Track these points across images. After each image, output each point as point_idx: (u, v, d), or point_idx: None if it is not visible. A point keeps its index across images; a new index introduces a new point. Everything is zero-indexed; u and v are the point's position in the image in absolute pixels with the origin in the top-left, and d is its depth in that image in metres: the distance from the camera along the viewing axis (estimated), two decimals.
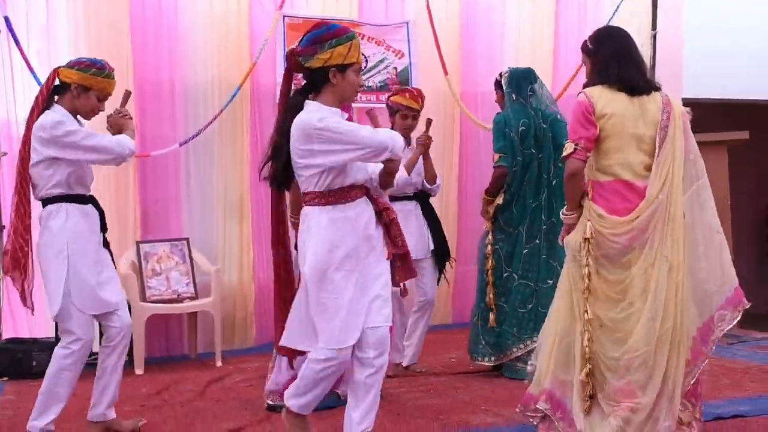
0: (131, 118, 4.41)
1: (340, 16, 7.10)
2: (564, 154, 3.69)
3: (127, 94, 4.47)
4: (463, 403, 4.71)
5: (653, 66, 7.84)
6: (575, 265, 3.71)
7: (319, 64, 3.54)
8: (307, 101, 3.60)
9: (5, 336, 6.07)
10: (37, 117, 4.08)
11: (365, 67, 7.13)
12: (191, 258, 6.46)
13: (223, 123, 6.72)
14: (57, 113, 4.14)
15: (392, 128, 5.02)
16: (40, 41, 6.31)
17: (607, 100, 3.67)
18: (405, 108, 5.35)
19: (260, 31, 6.84)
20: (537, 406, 3.77)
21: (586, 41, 3.90)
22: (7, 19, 6.08)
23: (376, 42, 7.17)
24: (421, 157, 5.32)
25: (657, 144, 3.65)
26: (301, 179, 3.58)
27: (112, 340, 4.25)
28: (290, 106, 3.61)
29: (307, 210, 3.58)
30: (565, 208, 3.83)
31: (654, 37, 7.92)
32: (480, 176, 7.09)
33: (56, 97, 4.19)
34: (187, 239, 6.54)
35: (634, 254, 3.59)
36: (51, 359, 4.14)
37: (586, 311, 3.61)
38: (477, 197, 5.92)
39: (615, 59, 3.74)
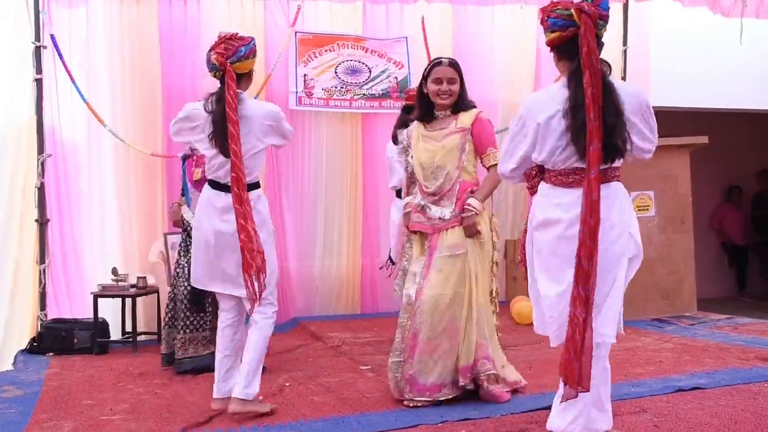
0: None
1: (347, 31, 7.20)
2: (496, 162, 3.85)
3: None
4: None
5: (624, 77, 7.90)
6: (482, 250, 4.02)
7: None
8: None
9: (50, 317, 6.10)
10: (235, 111, 3.59)
11: (368, 78, 7.18)
12: None
13: None
14: (268, 103, 3.92)
15: (401, 125, 5.07)
16: (80, 55, 6.38)
17: None
18: None
19: (274, 45, 6.90)
20: (485, 367, 3.94)
21: (457, 65, 4.09)
22: (52, 37, 6.18)
23: (378, 54, 7.23)
24: None
25: None
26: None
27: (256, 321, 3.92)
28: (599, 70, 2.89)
29: (617, 186, 3.01)
30: (479, 199, 4.01)
31: (625, 51, 7.95)
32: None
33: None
34: None
35: None
36: (252, 332, 3.84)
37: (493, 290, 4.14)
38: None
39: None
